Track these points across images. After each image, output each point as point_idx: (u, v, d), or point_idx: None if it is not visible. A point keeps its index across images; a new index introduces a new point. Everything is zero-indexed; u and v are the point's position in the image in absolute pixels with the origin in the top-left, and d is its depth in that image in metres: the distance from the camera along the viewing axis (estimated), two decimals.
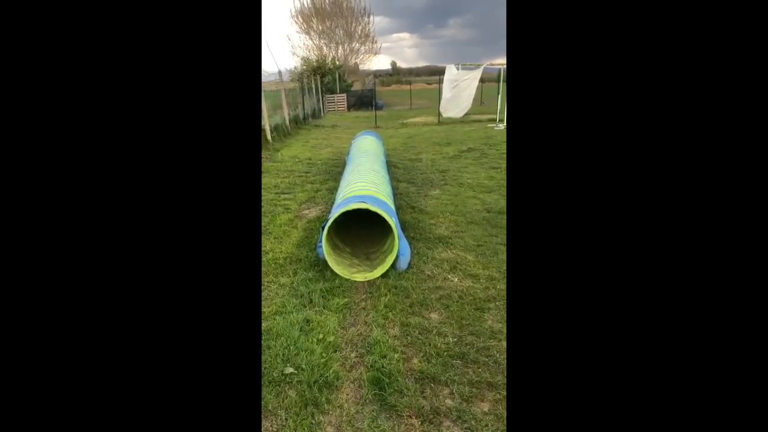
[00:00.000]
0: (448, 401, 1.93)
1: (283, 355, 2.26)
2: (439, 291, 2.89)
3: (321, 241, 3.36)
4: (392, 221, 3.20)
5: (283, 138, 10.27)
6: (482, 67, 13.47)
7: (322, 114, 18.50)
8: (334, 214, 3.26)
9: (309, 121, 14.95)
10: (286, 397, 1.98)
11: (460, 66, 13.97)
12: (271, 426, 1.82)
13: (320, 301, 2.82)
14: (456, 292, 2.87)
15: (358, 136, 7.22)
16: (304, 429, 1.79)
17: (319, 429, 1.80)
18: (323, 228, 3.27)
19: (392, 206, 3.66)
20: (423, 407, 1.89)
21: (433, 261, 3.35)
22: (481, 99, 17.44)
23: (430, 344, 2.32)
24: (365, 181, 3.95)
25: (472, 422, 1.80)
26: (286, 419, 1.85)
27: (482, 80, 13.89)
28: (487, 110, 16.30)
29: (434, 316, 2.61)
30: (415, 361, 2.20)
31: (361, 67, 30.73)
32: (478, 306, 2.68)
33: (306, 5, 28.81)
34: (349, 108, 20.83)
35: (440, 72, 16.19)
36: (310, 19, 28.95)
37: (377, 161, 5.33)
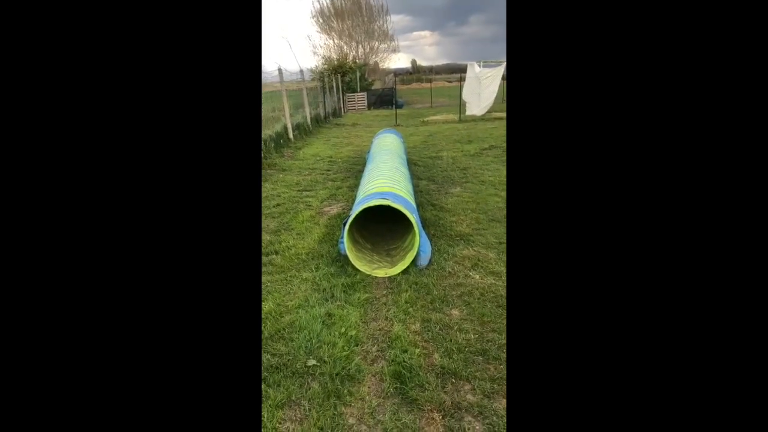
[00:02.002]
0: (470, 397, 1.93)
1: (306, 347, 2.30)
2: (460, 288, 2.88)
3: (342, 237, 3.40)
4: (413, 218, 3.21)
5: (305, 136, 10.40)
6: (504, 64, 13.29)
7: (343, 113, 18.62)
8: (356, 210, 3.29)
9: (330, 119, 15.08)
10: (309, 389, 2.02)
11: (482, 63, 13.82)
12: (294, 415, 1.86)
13: (342, 296, 2.86)
14: (477, 289, 2.86)
15: (379, 134, 7.25)
16: (326, 419, 1.83)
17: (341, 419, 1.83)
18: (344, 225, 3.31)
19: (413, 203, 3.66)
20: (444, 402, 1.90)
21: (453, 258, 3.34)
22: (503, 96, 17.20)
23: (451, 340, 2.33)
24: (386, 178, 3.97)
25: (494, 418, 1.80)
26: (309, 409, 1.89)
27: (504, 78, 13.71)
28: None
29: (455, 312, 2.61)
30: (436, 356, 2.21)
31: (381, 65, 30.80)
32: (500, 303, 2.67)
33: (326, 5, 29.09)
34: (369, 107, 20.89)
35: (461, 70, 16.05)
36: (330, 19, 29.19)
37: (398, 159, 5.34)
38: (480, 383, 2.00)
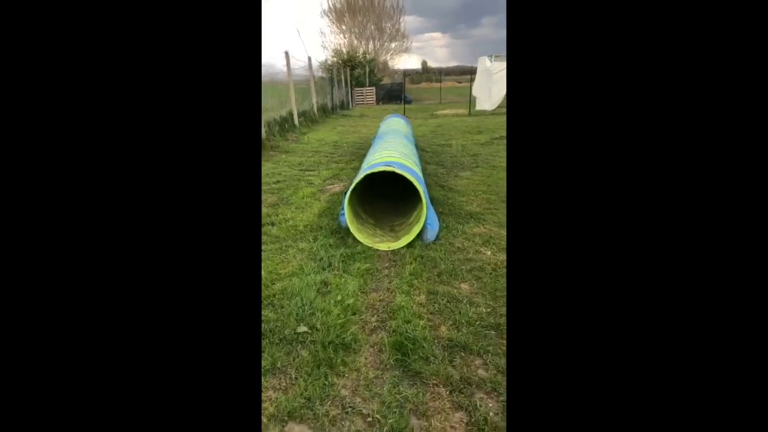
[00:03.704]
0: (481, 372, 1.67)
1: (297, 314, 2.05)
2: (470, 263, 2.62)
3: (343, 209, 3.16)
4: (420, 186, 2.96)
5: (310, 124, 10.17)
6: None
7: (351, 106, 18.40)
8: (358, 177, 3.05)
9: (337, 111, 14.87)
10: (298, 356, 1.77)
11: (493, 58, 13.54)
12: (279, 384, 1.61)
13: (340, 265, 2.61)
14: (489, 264, 2.60)
15: (387, 119, 7.01)
16: (315, 389, 1.57)
17: (332, 390, 1.58)
18: (345, 194, 3.06)
19: (420, 175, 3.40)
20: (452, 376, 1.64)
21: (463, 235, 3.08)
22: None
23: (460, 313, 2.07)
24: (392, 150, 3.72)
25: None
26: (296, 378, 1.64)
27: None
28: None
29: (464, 286, 2.35)
30: (443, 329, 1.95)
31: (391, 65, 30.40)
32: None
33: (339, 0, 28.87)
34: (377, 101, 20.67)
35: (471, 72, 15.81)
36: (343, 14, 28.97)
37: (405, 138, 5.09)
38: (493, 358, 1.74)
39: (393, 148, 3.82)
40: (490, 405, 1.50)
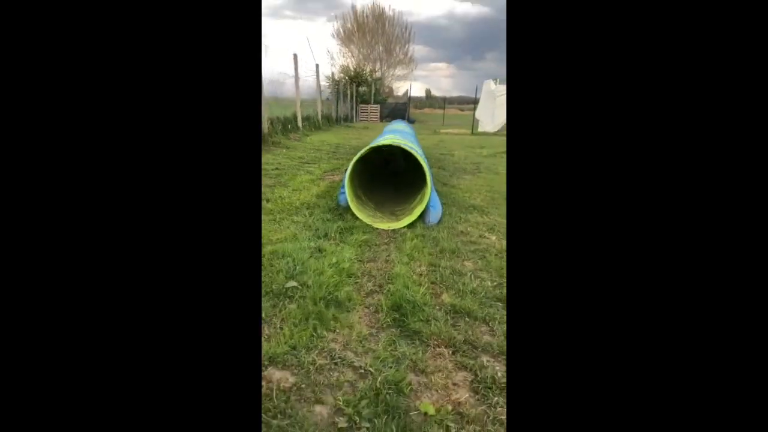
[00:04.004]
0: (487, 337, 1.50)
1: (287, 272, 1.88)
2: (474, 245, 2.47)
3: (343, 187, 3.02)
4: (424, 163, 2.85)
5: (314, 129, 10.14)
6: None
7: (355, 120, 18.51)
8: (362, 152, 2.93)
9: (341, 122, 14.92)
10: (284, 309, 1.59)
11: (498, 81, 13.73)
12: (262, 333, 1.43)
13: (337, 236, 2.45)
14: (494, 247, 2.45)
15: (391, 123, 6.96)
16: (302, 339, 1.40)
17: (320, 342, 1.40)
18: (347, 171, 2.94)
19: (425, 160, 3.28)
20: (455, 338, 1.47)
21: (467, 222, 2.94)
22: None
23: (463, 283, 1.90)
24: (397, 136, 3.63)
25: None
26: (281, 327, 1.46)
27: None
28: None
29: (468, 264, 2.19)
30: (446, 296, 1.78)
31: (396, 92, 30.54)
32: None
33: (349, 20, 29.50)
34: (381, 119, 20.82)
35: (474, 101, 16.05)
36: (352, 35, 29.56)
37: (411, 136, 5.02)
38: (500, 326, 1.57)
39: (398, 136, 3.73)
40: (497, 367, 1.33)
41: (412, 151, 2.83)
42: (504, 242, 2.55)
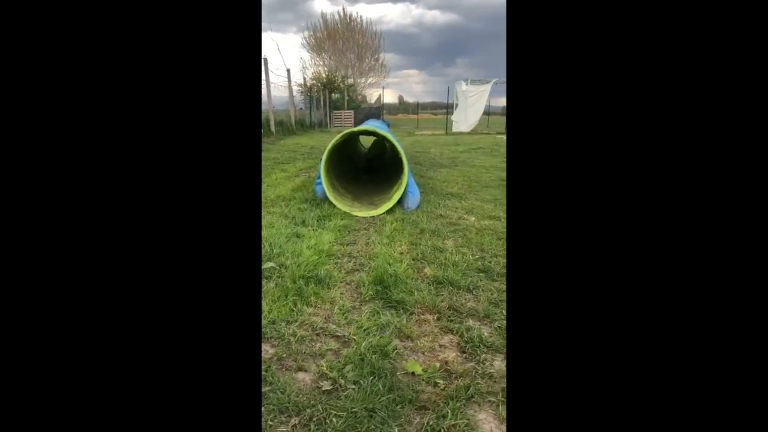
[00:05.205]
0: (472, 304, 1.48)
1: (264, 254, 1.82)
2: (454, 226, 2.46)
3: (319, 177, 2.98)
4: (400, 149, 2.83)
5: (287, 134, 10.02)
6: (491, 83, 13.44)
7: (329, 128, 18.46)
8: (337, 138, 2.90)
9: (315, 128, 14.83)
10: (262, 287, 1.53)
11: (469, 81, 13.96)
12: None
13: (315, 223, 2.40)
14: (474, 227, 2.44)
15: (366, 121, 6.95)
16: (281, 313, 1.34)
17: (301, 317, 1.35)
18: (321, 159, 2.90)
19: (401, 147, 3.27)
20: (439, 306, 1.44)
21: (446, 207, 2.94)
22: (488, 120, 17.30)
23: (445, 258, 1.88)
24: (373, 126, 3.62)
25: (505, 322, 1.35)
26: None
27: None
28: (496, 124, 16.25)
29: (449, 243, 2.17)
30: (428, 270, 1.76)
31: (369, 99, 30.53)
32: (501, 237, 2.25)
33: (319, 27, 29.48)
34: (356, 125, 20.85)
35: (447, 106, 16.30)
36: (323, 43, 29.54)
37: (386, 129, 5.02)
38: (484, 294, 1.55)
39: (374, 126, 3.72)
40: (484, 329, 1.31)
41: (388, 135, 2.81)
42: (482, 222, 2.55)
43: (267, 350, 1.17)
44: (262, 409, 0.94)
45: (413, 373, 1.08)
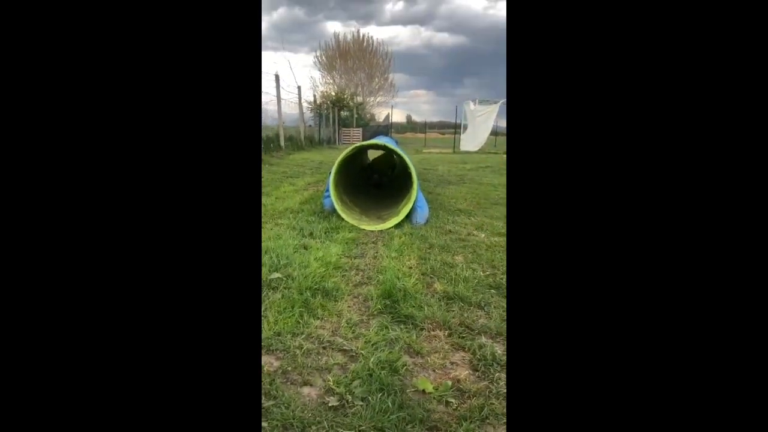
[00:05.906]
0: (483, 321, 1.43)
1: (271, 265, 1.78)
2: (464, 242, 2.42)
3: (328, 190, 2.96)
4: (410, 163, 2.82)
5: (296, 149, 10.11)
6: (500, 103, 13.53)
7: (338, 144, 18.62)
8: (346, 151, 2.90)
9: (324, 144, 14.97)
10: (268, 298, 1.49)
11: (477, 101, 14.07)
12: None
13: (322, 235, 2.37)
14: (484, 243, 2.40)
15: (375, 137, 6.99)
16: (287, 325, 1.30)
17: (307, 329, 1.31)
18: (330, 172, 2.89)
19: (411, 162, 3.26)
20: (450, 322, 1.40)
21: (455, 223, 2.90)
22: (496, 139, 17.37)
23: (455, 273, 1.84)
24: (382, 141, 3.63)
25: None
26: (265, 315, 1.36)
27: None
28: (503, 144, 16.27)
29: (459, 258, 2.13)
30: (438, 285, 1.71)
31: (377, 117, 30.77)
32: None
33: (330, 47, 30.02)
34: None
35: (454, 126, 16.44)
36: (334, 60, 30.06)
37: (395, 145, 5.04)
38: (496, 311, 1.50)
39: (383, 141, 3.73)
40: (497, 347, 1.25)
41: (397, 149, 2.80)
42: (492, 239, 2.50)
43: (272, 363, 1.12)
44: (265, 424, 0.89)
45: (424, 390, 1.03)
